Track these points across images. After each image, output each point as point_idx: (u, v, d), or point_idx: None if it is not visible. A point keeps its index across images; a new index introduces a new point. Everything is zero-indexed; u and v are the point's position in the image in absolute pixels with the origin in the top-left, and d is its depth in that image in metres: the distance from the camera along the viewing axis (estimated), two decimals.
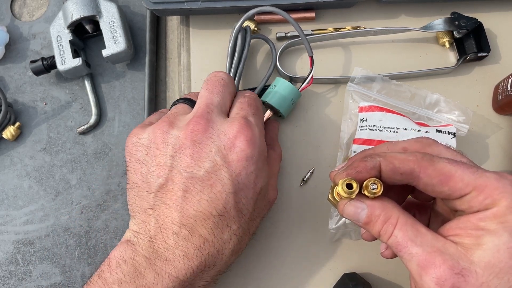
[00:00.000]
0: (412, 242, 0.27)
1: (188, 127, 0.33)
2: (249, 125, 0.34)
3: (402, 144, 0.32)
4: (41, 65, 0.49)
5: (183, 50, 0.50)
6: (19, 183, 0.48)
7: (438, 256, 0.26)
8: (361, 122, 0.42)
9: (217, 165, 0.32)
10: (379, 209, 0.29)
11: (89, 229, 0.47)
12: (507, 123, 0.46)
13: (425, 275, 0.26)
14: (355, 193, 0.29)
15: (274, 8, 0.43)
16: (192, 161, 0.33)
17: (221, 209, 0.32)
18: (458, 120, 0.43)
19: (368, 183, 0.29)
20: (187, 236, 0.32)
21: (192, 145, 0.33)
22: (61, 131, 0.50)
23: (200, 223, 0.32)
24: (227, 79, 0.37)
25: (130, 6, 0.53)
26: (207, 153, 0.33)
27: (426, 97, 0.44)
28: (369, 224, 0.30)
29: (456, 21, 0.46)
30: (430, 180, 0.28)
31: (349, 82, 0.44)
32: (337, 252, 0.43)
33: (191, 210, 0.32)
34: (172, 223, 0.32)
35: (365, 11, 0.50)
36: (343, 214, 0.31)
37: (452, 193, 0.28)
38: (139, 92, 0.51)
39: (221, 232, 0.32)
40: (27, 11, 0.55)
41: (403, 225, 0.28)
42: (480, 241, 0.26)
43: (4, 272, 0.46)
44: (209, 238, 0.32)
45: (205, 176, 0.32)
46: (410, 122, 0.41)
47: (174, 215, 0.32)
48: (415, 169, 0.28)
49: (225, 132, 0.33)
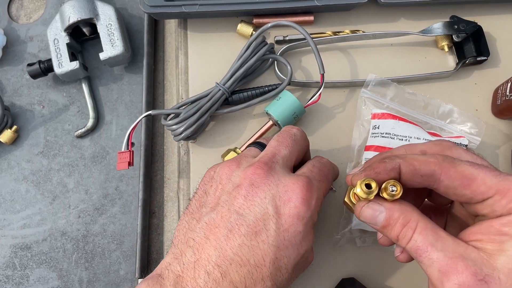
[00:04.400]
0: (433, 247, 0.26)
1: (249, 169, 0.33)
2: (311, 187, 0.33)
3: (420, 146, 0.32)
4: (38, 68, 0.48)
5: (181, 53, 0.49)
6: (16, 187, 0.48)
7: (460, 261, 0.25)
8: (373, 129, 0.42)
9: (267, 213, 0.31)
10: (398, 212, 0.28)
11: (87, 233, 0.47)
12: (506, 127, 0.46)
13: (446, 281, 0.25)
14: (374, 193, 0.28)
15: (291, 23, 0.43)
16: (244, 203, 0.32)
17: (259, 260, 0.30)
18: (470, 132, 0.43)
19: (387, 185, 0.28)
20: (218, 278, 0.30)
21: (248, 186, 0.32)
22: (58, 134, 0.50)
23: (235, 268, 0.30)
24: (299, 136, 0.37)
25: (128, 8, 0.53)
26: (261, 198, 0.32)
27: (440, 107, 0.43)
28: (387, 228, 0.29)
29: (455, 25, 0.46)
30: (452, 182, 0.27)
31: (363, 88, 0.44)
32: (335, 257, 0.42)
33: (230, 252, 0.31)
34: (207, 260, 0.31)
35: (364, 15, 0.49)
36: (360, 217, 0.30)
37: (474, 196, 0.27)
38: (136, 95, 0.51)
39: (253, 284, 0.30)
40: (24, 13, 0.54)
41: (423, 229, 0.27)
42: (503, 246, 0.25)
43: (1, 277, 0.46)
44: (239, 287, 0.30)
45: (252, 221, 0.31)
46: (423, 132, 0.41)
47: (211, 252, 0.31)
48: (436, 171, 0.27)
49: (285, 184, 0.32)
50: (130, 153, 0.42)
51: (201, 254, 0.31)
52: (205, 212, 0.33)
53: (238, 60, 0.44)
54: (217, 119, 0.46)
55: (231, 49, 0.48)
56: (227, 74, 0.43)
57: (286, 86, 0.44)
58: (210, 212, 0.33)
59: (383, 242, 0.33)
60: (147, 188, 0.48)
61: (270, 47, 0.45)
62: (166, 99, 0.52)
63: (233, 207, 0.32)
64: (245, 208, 0.32)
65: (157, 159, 0.50)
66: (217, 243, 0.31)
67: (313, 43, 0.42)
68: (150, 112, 0.43)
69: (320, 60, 0.42)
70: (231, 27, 0.49)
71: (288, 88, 0.44)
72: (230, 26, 0.49)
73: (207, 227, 0.32)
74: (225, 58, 0.47)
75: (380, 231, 0.30)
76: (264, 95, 0.44)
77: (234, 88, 0.44)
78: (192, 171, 0.46)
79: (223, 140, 0.46)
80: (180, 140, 0.43)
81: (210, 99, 0.43)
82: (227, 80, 0.43)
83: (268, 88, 0.45)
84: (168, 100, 0.52)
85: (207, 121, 0.44)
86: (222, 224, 0.32)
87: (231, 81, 0.43)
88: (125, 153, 0.42)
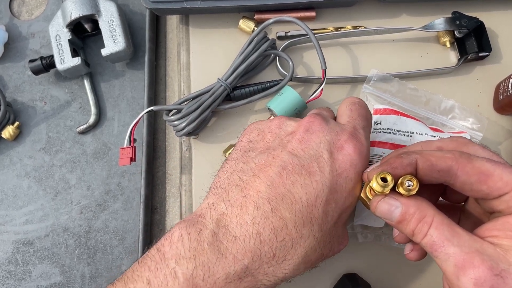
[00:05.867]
0: (449, 242, 0.26)
1: (304, 119, 0.34)
2: (359, 136, 0.33)
3: (437, 143, 0.32)
4: (40, 64, 0.48)
5: (182, 49, 0.50)
6: (19, 183, 0.48)
7: (476, 256, 0.25)
8: (375, 125, 0.42)
9: (322, 157, 0.31)
10: (414, 207, 0.28)
11: (89, 229, 0.47)
12: (508, 123, 0.46)
13: (463, 276, 0.25)
14: (389, 187, 0.29)
15: (293, 18, 0.43)
16: (299, 145, 0.32)
17: (311, 199, 0.30)
18: (472, 127, 0.43)
19: (403, 180, 0.29)
20: (267, 213, 0.30)
21: (304, 132, 0.33)
22: (60, 130, 0.50)
23: (286, 205, 0.30)
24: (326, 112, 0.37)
25: (130, 5, 0.53)
26: (316, 142, 0.32)
27: (441, 102, 0.43)
28: (402, 223, 0.29)
29: (457, 21, 0.46)
30: (468, 178, 0.27)
31: (365, 84, 0.44)
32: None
33: (282, 187, 0.30)
34: (257, 195, 0.30)
35: (365, 11, 0.49)
36: (375, 211, 0.30)
37: (491, 192, 0.27)
38: (138, 91, 0.51)
39: (302, 225, 0.30)
40: (26, 10, 0.54)
41: (439, 224, 0.27)
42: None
43: (4, 272, 0.46)
44: (289, 224, 0.30)
45: (307, 162, 0.31)
46: (425, 127, 0.41)
47: (262, 188, 0.30)
48: (453, 166, 0.28)
49: (337, 132, 0.33)
50: (132, 149, 0.42)
51: (249, 191, 0.31)
52: (253, 155, 0.33)
53: (240, 56, 0.44)
54: (219, 115, 0.46)
55: (233, 45, 0.48)
56: (229, 70, 0.43)
57: (288, 82, 0.44)
58: (259, 154, 0.33)
59: (399, 240, 0.33)
60: (149, 184, 0.48)
61: (272, 43, 0.45)
62: (168, 95, 0.52)
63: (287, 148, 0.32)
64: (299, 150, 0.32)
65: (159, 155, 0.50)
66: (268, 180, 0.31)
67: (314, 39, 0.42)
68: (152, 108, 0.43)
69: (322, 56, 0.42)
70: (232, 23, 0.49)
71: (290, 84, 0.45)
72: (232, 22, 0.49)
73: (256, 167, 0.32)
74: (227, 54, 0.47)
75: (395, 226, 0.30)
76: (266, 90, 0.44)
77: (236, 83, 0.44)
78: (194, 167, 0.46)
79: (225, 135, 0.46)
80: (182, 135, 0.43)
81: (212, 94, 0.43)
82: (229, 75, 0.43)
83: (270, 84, 0.45)
84: (170, 96, 0.52)
85: (209, 116, 0.44)
86: (274, 163, 0.31)
87: (233, 77, 0.43)
88: (127, 148, 0.42)
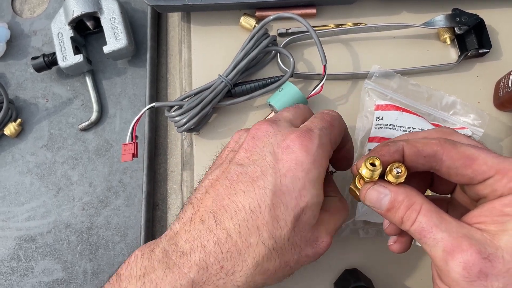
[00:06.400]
0: (437, 227, 0.27)
1: (252, 127, 0.34)
2: (311, 134, 0.32)
3: (422, 133, 0.32)
4: (42, 61, 0.49)
5: (184, 47, 0.50)
6: (21, 180, 0.48)
7: (464, 241, 0.26)
8: (377, 120, 0.42)
9: (265, 160, 0.31)
10: (403, 194, 0.29)
11: (91, 225, 0.47)
12: (508, 119, 0.46)
13: (451, 260, 0.26)
14: (378, 171, 0.29)
15: (294, 15, 0.43)
16: (245, 154, 0.32)
17: (255, 206, 0.30)
18: (473, 123, 0.43)
19: (391, 167, 0.29)
20: (211, 225, 0.30)
21: (250, 139, 0.33)
22: (62, 127, 0.50)
23: (229, 215, 0.30)
24: (301, 106, 0.37)
25: (131, 2, 0.53)
26: (260, 147, 0.32)
27: (443, 98, 0.44)
28: (391, 210, 0.29)
29: (457, 18, 0.46)
30: (454, 163, 0.28)
31: (366, 80, 0.44)
32: (338, 248, 0.43)
33: (226, 199, 0.31)
34: (204, 209, 0.31)
35: (366, 8, 0.49)
36: (365, 200, 0.31)
37: (476, 176, 0.28)
38: (140, 88, 0.51)
39: (248, 233, 0.30)
40: (28, 7, 0.55)
41: (427, 211, 0.28)
42: (505, 226, 0.26)
43: (6, 268, 0.46)
44: (232, 235, 0.29)
45: (250, 169, 0.31)
46: (426, 123, 0.41)
47: (209, 202, 0.31)
48: (438, 151, 0.28)
49: (285, 133, 0.32)
50: (134, 145, 0.42)
51: (199, 207, 0.31)
52: (209, 173, 0.34)
53: (240, 52, 0.44)
54: (220, 111, 0.47)
55: (234, 42, 0.48)
56: (230, 66, 0.44)
57: (289, 78, 0.44)
58: (214, 170, 0.33)
59: (389, 231, 0.33)
60: (150, 181, 0.48)
61: (273, 39, 0.45)
62: (169, 93, 0.52)
63: (234, 159, 0.32)
64: (245, 159, 0.32)
65: (161, 152, 0.50)
66: (215, 193, 0.31)
67: (315, 35, 0.42)
68: (153, 104, 0.44)
69: (322, 51, 0.42)
70: (234, 20, 0.49)
71: (290, 80, 0.45)
72: (233, 19, 0.49)
73: (209, 183, 0.33)
74: (228, 51, 0.47)
75: (384, 215, 0.30)
76: (267, 87, 0.45)
77: (236, 80, 0.44)
78: (196, 163, 0.46)
79: (226, 131, 0.46)
80: (183, 131, 0.43)
81: (213, 91, 0.43)
82: (230, 72, 0.43)
83: (271, 80, 0.45)
84: (171, 93, 0.52)
85: (210, 112, 0.44)
86: (223, 175, 0.32)
87: (234, 73, 0.43)
88: (129, 144, 0.42)
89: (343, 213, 0.36)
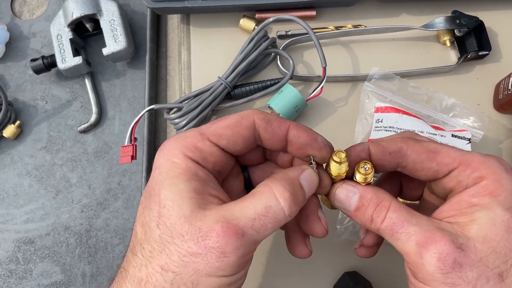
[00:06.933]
0: (408, 222, 0.27)
1: None
2: (178, 136, 0.30)
3: (386, 137, 0.33)
4: (41, 63, 0.49)
5: (183, 49, 0.50)
6: (20, 182, 0.48)
7: (437, 232, 0.26)
8: (376, 123, 0.42)
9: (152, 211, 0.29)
10: (371, 193, 0.29)
11: (90, 227, 0.47)
12: (508, 122, 0.46)
13: (425, 252, 0.25)
14: (345, 163, 0.29)
15: (293, 17, 0.43)
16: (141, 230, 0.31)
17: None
18: (473, 125, 0.43)
19: (359, 166, 0.30)
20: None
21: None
22: (61, 129, 0.50)
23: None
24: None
25: (131, 4, 0.53)
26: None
27: (443, 101, 0.44)
28: (360, 209, 0.29)
29: (457, 20, 0.46)
30: (418, 156, 0.29)
31: (366, 82, 0.44)
32: (337, 251, 0.42)
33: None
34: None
35: (366, 10, 0.49)
36: (334, 200, 0.31)
37: (440, 168, 0.28)
38: (139, 90, 0.51)
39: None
40: (27, 9, 0.54)
41: (396, 207, 0.28)
42: (474, 216, 0.26)
43: (5, 271, 0.46)
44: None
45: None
46: (426, 125, 0.41)
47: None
48: (402, 147, 0.29)
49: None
50: (133, 147, 0.42)
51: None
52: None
53: (240, 54, 0.44)
54: (220, 114, 0.46)
55: (233, 44, 0.48)
56: (229, 68, 0.44)
57: (289, 80, 0.44)
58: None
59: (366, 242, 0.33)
60: None
61: (272, 41, 0.45)
62: (168, 95, 0.52)
63: None
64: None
65: None
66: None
67: (315, 37, 0.42)
68: (153, 106, 0.44)
69: (322, 53, 0.42)
70: (233, 22, 0.49)
71: (290, 83, 0.45)
72: (233, 21, 0.49)
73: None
74: (227, 53, 0.47)
75: (353, 215, 0.30)
76: (266, 89, 0.45)
77: (236, 82, 0.44)
78: None
79: None
80: None
81: (212, 93, 0.43)
82: (229, 74, 0.43)
83: (270, 82, 0.45)
84: (170, 95, 0.52)
85: (209, 115, 0.44)
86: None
87: (233, 75, 0.43)
88: (128, 147, 0.42)
89: (257, 196, 0.28)
